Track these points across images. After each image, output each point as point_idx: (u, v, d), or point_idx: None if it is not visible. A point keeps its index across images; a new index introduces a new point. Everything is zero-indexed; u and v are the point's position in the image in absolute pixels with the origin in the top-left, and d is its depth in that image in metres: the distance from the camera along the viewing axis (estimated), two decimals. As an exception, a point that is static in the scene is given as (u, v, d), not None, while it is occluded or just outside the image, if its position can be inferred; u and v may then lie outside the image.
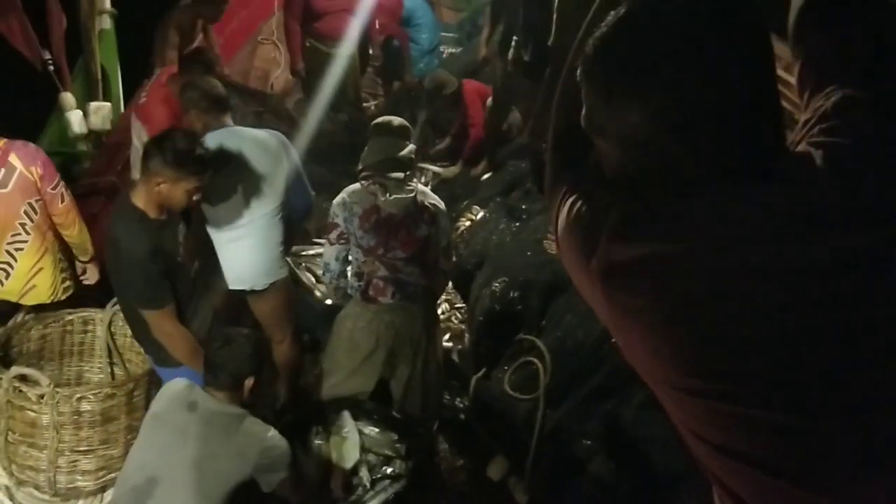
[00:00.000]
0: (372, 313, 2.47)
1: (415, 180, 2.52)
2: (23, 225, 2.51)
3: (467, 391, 2.62)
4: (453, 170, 4.62)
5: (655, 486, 2.08)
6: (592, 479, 2.26)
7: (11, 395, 2.30)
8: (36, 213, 2.51)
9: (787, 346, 0.61)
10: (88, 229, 2.72)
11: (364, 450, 2.54)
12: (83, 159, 3.82)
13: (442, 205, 2.55)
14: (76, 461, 2.36)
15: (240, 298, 2.75)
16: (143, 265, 2.11)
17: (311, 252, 3.71)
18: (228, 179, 2.47)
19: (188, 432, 1.84)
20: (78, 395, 2.28)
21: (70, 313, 2.72)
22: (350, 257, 2.48)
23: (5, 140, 2.50)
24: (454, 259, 3.09)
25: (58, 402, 2.25)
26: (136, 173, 2.74)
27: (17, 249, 2.53)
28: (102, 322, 2.69)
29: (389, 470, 2.46)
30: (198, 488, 1.79)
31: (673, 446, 2.05)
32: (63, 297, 2.68)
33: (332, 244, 2.47)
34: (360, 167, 2.46)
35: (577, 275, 0.77)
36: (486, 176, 4.30)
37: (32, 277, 2.57)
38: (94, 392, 2.32)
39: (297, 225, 2.97)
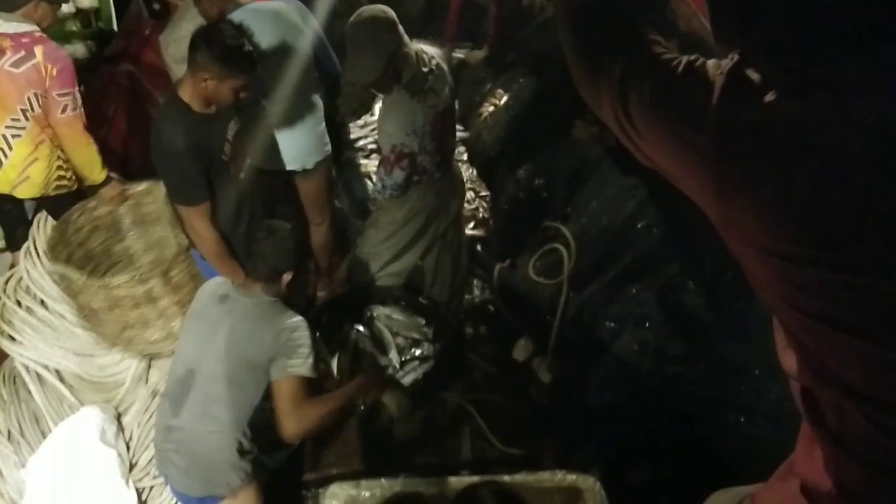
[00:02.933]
0: (423, 189, 2.48)
1: (428, 54, 2.39)
2: (24, 111, 2.51)
3: (492, 279, 2.67)
4: (478, 54, 4.43)
5: (674, 364, 2.14)
6: (614, 360, 2.33)
7: (61, 285, 2.50)
8: (39, 105, 2.51)
9: None
10: (105, 135, 2.71)
11: (393, 333, 2.65)
12: (72, 38, 3.73)
13: (439, 52, 2.46)
14: (140, 334, 2.61)
15: (286, 186, 2.77)
16: (180, 159, 2.11)
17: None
18: (272, 68, 2.43)
19: (219, 324, 1.92)
20: (112, 285, 2.41)
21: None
22: (417, 166, 2.43)
23: (43, 34, 2.50)
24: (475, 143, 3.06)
25: (97, 291, 2.39)
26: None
27: (14, 136, 2.55)
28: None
29: (418, 352, 2.57)
30: (227, 375, 1.87)
31: (691, 328, 2.09)
32: (52, 194, 2.70)
33: (403, 170, 2.37)
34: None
35: (672, 152, 0.76)
36: (508, 58, 4.12)
37: (27, 167, 2.59)
38: (124, 282, 2.41)
39: (330, 99, 2.92)
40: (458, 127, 3.28)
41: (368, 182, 3.41)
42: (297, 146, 2.63)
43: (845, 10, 0.62)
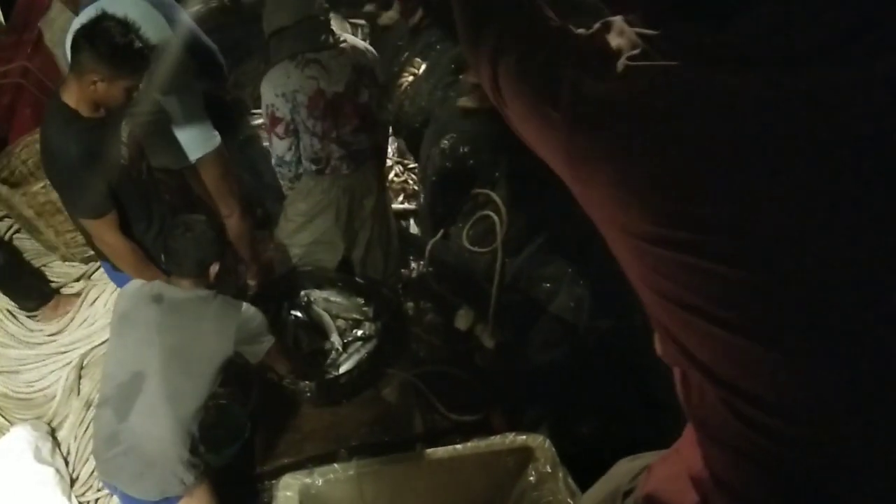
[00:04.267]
0: (328, 183, 2.45)
1: (340, 35, 2.35)
2: None
3: (425, 255, 2.67)
4: (391, 15, 4.32)
5: (613, 316, 2.20)
6: (554, 319, 2.37)
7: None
8: None
9: (756, 201, 0.58)
10: (6, 135, 2.55)
11: (333, 316, 2.62)
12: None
13: (372, 51, 2.43)
14: (74, 237, 3.12)
15: (187, 185, 2.67)
16: (76, 170, 1.96)
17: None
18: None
19: (160, 324, 1.86)
20: (30, 192, 2.94)
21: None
22: (301, 145, 2.37)
23: None
24: (398, 114, 3.01)
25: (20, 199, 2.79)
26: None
27: None
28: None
29: (360, 332, 2.55)
30: (186, 372, 1.85)
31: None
32: None
33: (281, 138, 2.33)
34: (268, 33, 2.24)
35: (534, 126, 0.73)
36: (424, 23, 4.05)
37: None
38: (39, 188, 2.93)
39: (215, 89, 2.80)
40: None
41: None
42: (186, 138, 2.51)
43: None
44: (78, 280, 3.22)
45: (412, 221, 2.93)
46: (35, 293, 3.05)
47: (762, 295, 0.60)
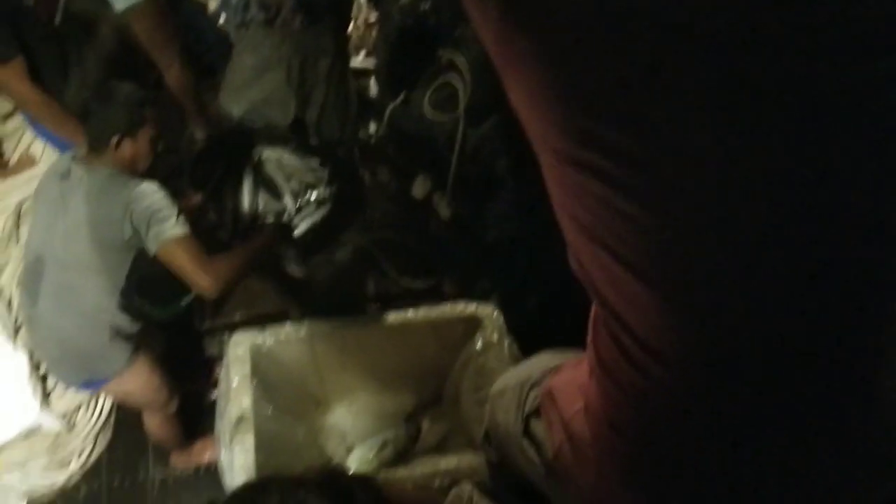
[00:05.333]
0: (278, 38, 2.27)
1: None
2: None
3: (383, 119, 2.56)
4: None
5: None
6: (512, 191, 2.36)
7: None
8: None
9: (677, 140, 0.51)
10: None
11: (286, 177, 2.55)
12: None
13: None
14: None
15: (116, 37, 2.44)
16: None
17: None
18: None
19: (61, 204, 1.72)
20: None
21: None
22: None
23: None
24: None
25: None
26: None
27: None
28: None
29: (314, 196, 2.50)
30: (79, 261, 1.72)
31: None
32: None
33: None
34: None
35: (475, 15, 0.64)
36: None
37: None
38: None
39: None
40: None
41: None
42: None
43: None
44: (8, 118, 3.01)
45: (372, 82, 2.79)
46: None
47: (658, 238, 0.57)
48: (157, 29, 2.41)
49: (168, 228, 1.69)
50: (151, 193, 1.70)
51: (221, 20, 3.04)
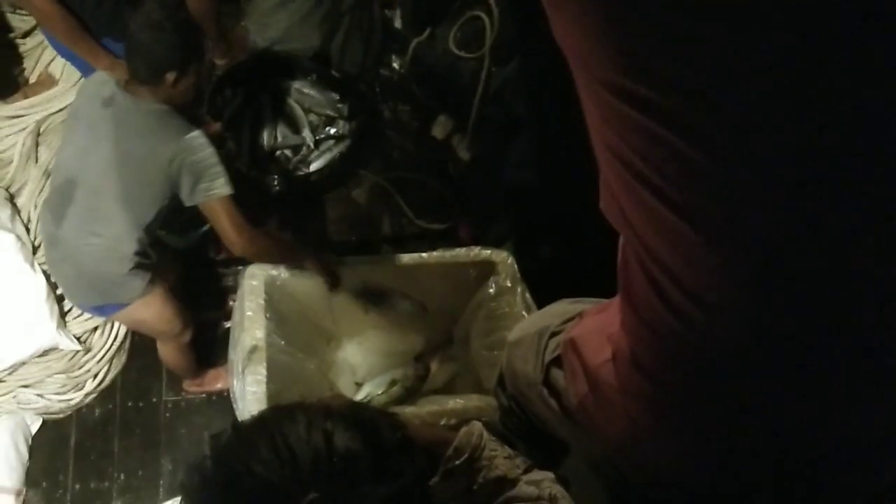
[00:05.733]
0: None
1: None
2: None
3: (407, 54, 2.50)
4: None
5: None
6: (532, 136, 2.31)
7: None
8: None
9: (740, 80, 0.48)
10: None
11: (305, 110, 2.51)
12: None
13: None
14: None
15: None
16: None
17: None
18: None
19: (104, 131, 1.69)
20: None
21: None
22: None
23: None
24: None
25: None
26: None
27: None
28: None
29: (333, 130, 2.46)
30: (114, 191, 1.70)
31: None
32: None
33: None
34: None
35: None
36: None
37: None
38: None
39: None
40: None
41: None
42: None
43: None
44: (28, 34, 2.96)
45: (397, 13, 2.71)
46: (7, 82, 2.75)
47: (709, 180, 0.53)
48: None
49: (218, 187, 1.70)
50: (204, 146, 1.69)
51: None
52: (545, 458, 1.24)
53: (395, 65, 2.71)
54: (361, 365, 2.22)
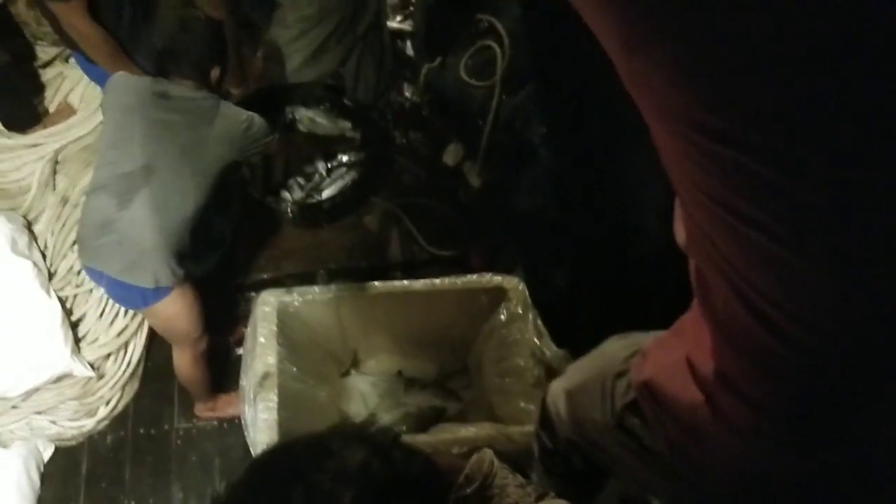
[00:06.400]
0: None
1: None
2: None
3: (419, 82, 2.53)
4: None
5: (604, 173, 2.16)
6: (543, 166, 2.32)
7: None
8: None
9: (828, 111, 0.51)
10: None
11: (318, 138, 2.54)
12: None
13: None
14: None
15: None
16: None
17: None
18: None
19: (168, 121, 1.82)
20: None
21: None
22: None
23: None
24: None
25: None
26: None
27: None
28: None
29: (345, 158, 2.49)
30: (190, 172, 1.84)
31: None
32: None
33: None
34: None
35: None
36: None
37: None
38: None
39: None
40: None
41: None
42: None
43: None
44: (48, 65, 3.03)
45: (409, 43, 2.75)
46: (27, 113, 2.82)
47: (808, 206, 0.55)
48: None
49: (271, 143, 1.99)
50: (258, 119, 1.91)
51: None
52: (579, 495, 1.22)
53: (407, 93, 2.75)
54: (373, 393, 2.21)
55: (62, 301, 2.26)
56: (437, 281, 2.10)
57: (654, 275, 1.63)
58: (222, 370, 2.41)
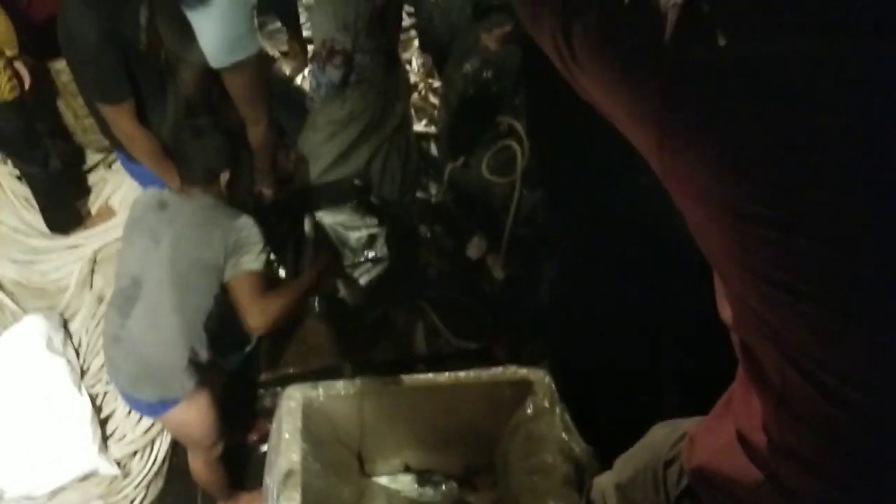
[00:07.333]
0: (366, 87, 2.38)
1: None
2: None
3: (443, 178, 2.63)
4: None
5: (625, 263, 2.17)
6: (565, 257, 2.36)
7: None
8: None
9: (873, 191, 0.55)
10: (17, 15, 2.47)
11: (346, 234, 2.61)
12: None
13: None
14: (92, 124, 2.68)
15: (213, 83, 2.61)
16: (94, 51, 1.94)
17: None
18: None
19: (161, 231, 1.84)
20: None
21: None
22: (354, 66, 2.32)
23: None
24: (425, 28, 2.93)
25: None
26: None
27: None
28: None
29: (371, 254, 2.55)
30: (175, 282, 1.82)
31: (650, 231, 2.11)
32: (9, 98, 2.51)
33: (337, 68, 2.28)
34: None
35: (617, 92, 0.67)
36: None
37: None
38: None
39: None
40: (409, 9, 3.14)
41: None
42: (215, 40, 2.42)
43: None
44: (92, 170, 3.21)
45: (433, 145, 2.88)
46: (71, 215, 2.96)
47: (852, 273, 0.58)
48: (253, 86, 2.57)
49: (246, 261, 1.78)
50: (251, 227, 1.82)
51: (299, 82, 3.22)
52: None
53: (432, 189, 2.84)
54: (398, 492, 2.16)
55: (92, 398, 2.30)
56: (462, 374, 2.08)
57: (685, 358, 1.62)
58: (247, 467, 2.38)
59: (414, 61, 3.65)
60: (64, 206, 2.94)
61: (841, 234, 0.58)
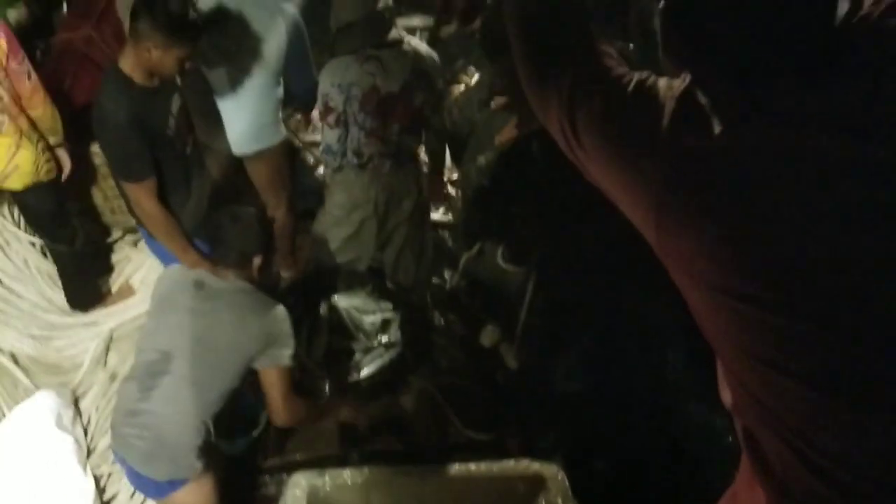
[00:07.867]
0: (368, 179, 2.47)
1: (406, 38, 2.39)
2: None
3: (458, 266, 2.66)
4: (449, 30, 4.32)
5: (642, 355, 2.16)
6: (580, 349, 2.34)
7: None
8: (4, 89, 2.38)
9: (853, 269, 0.59)
10: (60, 104, 2.60)
11: (359, 318, 2.62)
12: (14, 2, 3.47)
13: (434, 57, 2.47)
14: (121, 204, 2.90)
15: (236, 169, 2.71)
16: (123, 133, 2.04)
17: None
18: (225, 40, 2.36)
19: (195, 310, 1.88)
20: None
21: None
22: (349, 136, 2.41)
23: None
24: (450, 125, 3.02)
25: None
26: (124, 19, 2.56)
27: None
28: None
29: (384, 339, 2.55)
30: (207, 362, 1.86)
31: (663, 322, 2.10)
32: (45, 179, 2.60)
33: (332, 128, 2.39)
34: (333, 29, 2.31)
35: (618, 176, 0.72)
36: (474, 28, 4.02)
37: (13, 157, 2.47)
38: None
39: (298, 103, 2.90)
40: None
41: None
42: (241, 129, 2.55)
43: (800, 40, 0.59)
44: (116, 249, 3.28)
45: (448, 234, 2.93)
46: (91, 293, 3.02)
47: (841, 353, 0.60)
48: (275, 173, 2.68)
49: (284, 356, 1.88)
50: (286, 319, 1.90)
51: (320, 169, 3.32)
52: None
53: (446, 276, 2.87)
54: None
55: (97, 479, 2.26)
56: (473, 466, 2.03)
57: (697, 451, 1.57)
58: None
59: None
60: (86, 284, 3.00)
61: (826, 312, 0.60)
